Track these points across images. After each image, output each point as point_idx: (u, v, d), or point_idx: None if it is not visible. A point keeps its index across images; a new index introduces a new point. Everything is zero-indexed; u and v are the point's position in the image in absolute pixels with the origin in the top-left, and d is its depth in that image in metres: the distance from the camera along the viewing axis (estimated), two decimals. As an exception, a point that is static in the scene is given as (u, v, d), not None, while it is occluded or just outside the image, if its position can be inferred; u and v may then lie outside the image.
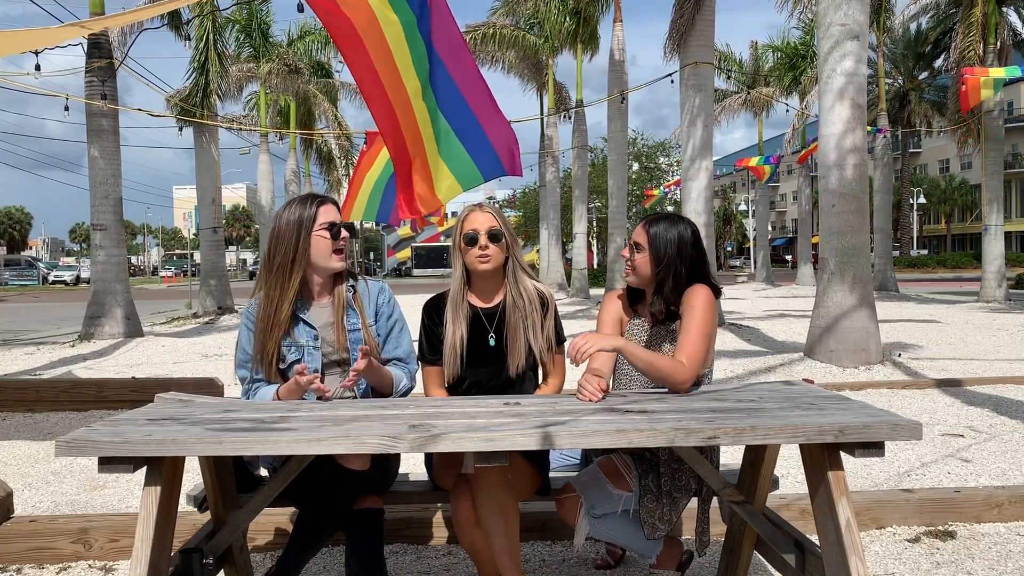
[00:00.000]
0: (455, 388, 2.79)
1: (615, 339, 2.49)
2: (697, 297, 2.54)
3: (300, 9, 6.43)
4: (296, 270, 2.56)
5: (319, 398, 2.58)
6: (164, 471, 2.01)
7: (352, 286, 2.71)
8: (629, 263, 2.66)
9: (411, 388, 2.73)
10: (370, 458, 2.46)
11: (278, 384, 2.57)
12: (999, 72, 13.08)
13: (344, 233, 2.62)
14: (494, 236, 2.70)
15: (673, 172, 45.21)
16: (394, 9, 3.92)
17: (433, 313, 2.81)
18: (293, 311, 2.59)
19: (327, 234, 2.58)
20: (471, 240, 2.70)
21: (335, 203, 2.69)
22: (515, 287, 2.75)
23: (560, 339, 2.83)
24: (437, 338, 2.77)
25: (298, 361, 2.57)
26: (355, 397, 2.61)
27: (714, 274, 2.83)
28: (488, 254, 2.70)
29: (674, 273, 2.58)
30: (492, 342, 2.74)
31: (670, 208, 38.07)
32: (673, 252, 2.58)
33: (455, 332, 2.72)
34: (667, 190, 36.13)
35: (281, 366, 2.60)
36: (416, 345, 2.80)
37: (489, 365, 2.74)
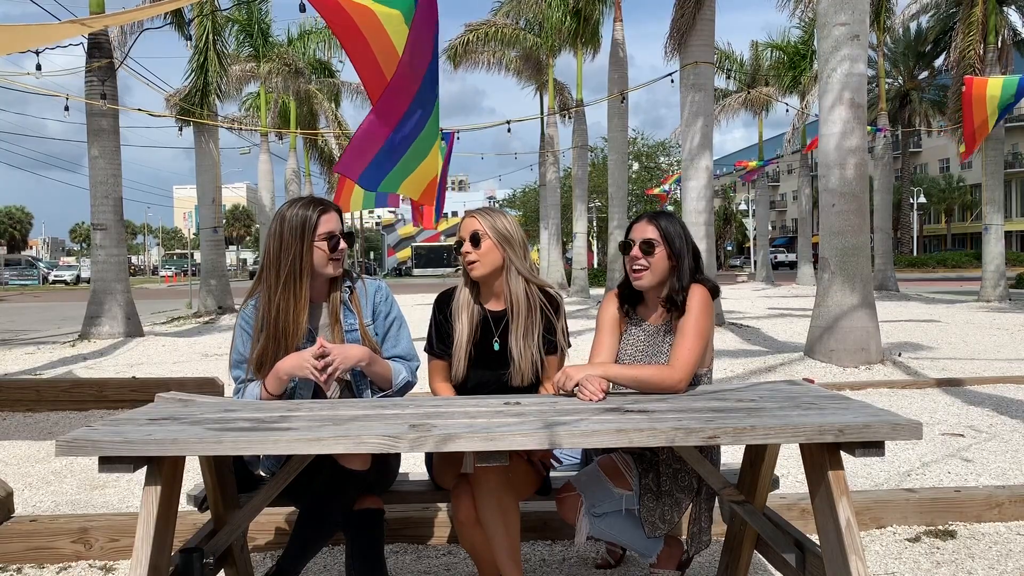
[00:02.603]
0: (460, 387, 2.78)
1: (595, 367, 2.50)
2: (693, 298, 2.55)
3: (302, 9, 6.44)
4: (304, 280, 2.56)
5: (315, 394, 2.58)
6: (164, 471, 2.01)
7: (349, 286, 2.70)
8: (641, 264, 2.62)
9: (412, 383, 2.73)
10: (370, 458, 2.46)
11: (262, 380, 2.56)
12: (996, 87, 12.94)
13: (342, 244, 2.63)
14: (474, 239, 2.69)
15: (673, 172, 45.20)
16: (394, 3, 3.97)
17: (444, 307, 2.81)
18: None
19: (325, 246, 2.58)
20: (459, 248, 2.73)
21: (337, 210, 2.68)
22: (511, 293, 2.71)
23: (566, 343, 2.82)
24: (446, 332, 2.77)
25: None
26: (345, 377, 2.60)
27: (710, 273, 2.85)
28: (472, 259, 2.69)
29: (687, 264, 2.61)
30: (496, 346, 2.74)
31: (670, 208, 38.06)
32: (683, 243, 2.63)
33: (462, 331, 2.72)
34: (668, 189, 36.08)
35: None
36: (415, 343, 2.79)
37: (493, 368, 2.73)
